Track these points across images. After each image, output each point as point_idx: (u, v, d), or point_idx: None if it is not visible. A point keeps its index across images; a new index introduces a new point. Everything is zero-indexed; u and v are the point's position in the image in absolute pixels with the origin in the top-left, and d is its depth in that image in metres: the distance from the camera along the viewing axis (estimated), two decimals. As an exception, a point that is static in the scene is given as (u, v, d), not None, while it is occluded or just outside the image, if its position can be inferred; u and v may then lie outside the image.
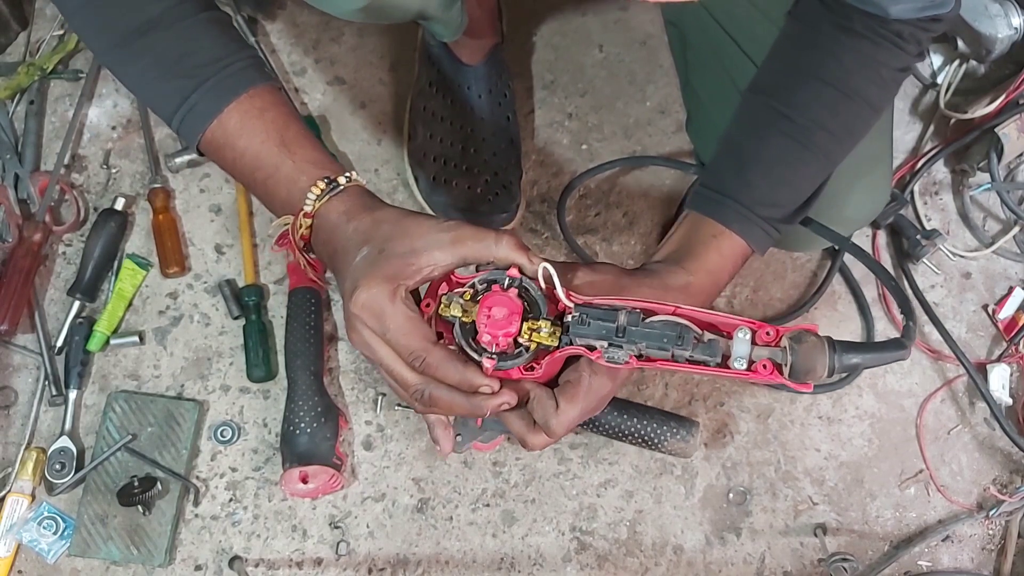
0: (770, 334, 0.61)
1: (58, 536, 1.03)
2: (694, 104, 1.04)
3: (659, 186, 1.21)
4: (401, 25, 1.23)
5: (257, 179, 0.73)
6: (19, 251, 1.09)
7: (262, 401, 1.10)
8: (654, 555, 1.08)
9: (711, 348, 0.62)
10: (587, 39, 1.27)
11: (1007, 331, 1.17)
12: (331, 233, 0.69)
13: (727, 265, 0.76)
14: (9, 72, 1.18)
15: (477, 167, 1.13)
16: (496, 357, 0.64)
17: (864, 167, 0.88)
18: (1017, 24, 1.16)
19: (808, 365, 0.59)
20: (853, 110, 0.78)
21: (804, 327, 0.61)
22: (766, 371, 0.60)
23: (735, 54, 0.91)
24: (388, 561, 1.06)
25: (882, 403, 1.15)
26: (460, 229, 0.66)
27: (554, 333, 0.63)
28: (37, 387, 1.08)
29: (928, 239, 1.16)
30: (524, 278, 0.65)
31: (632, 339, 0.62)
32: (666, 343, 0.61)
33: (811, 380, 0.60)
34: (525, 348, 0.64)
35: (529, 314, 0.64)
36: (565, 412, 0.68)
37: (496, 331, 0.63)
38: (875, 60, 0.76)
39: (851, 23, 0.75)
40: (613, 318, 0.62)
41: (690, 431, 1.04)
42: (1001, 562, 1.10)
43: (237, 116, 0.71)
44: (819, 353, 0.60)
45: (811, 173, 0.79)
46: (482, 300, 0.64)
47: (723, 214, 0.76)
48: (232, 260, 1.15)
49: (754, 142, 0.79)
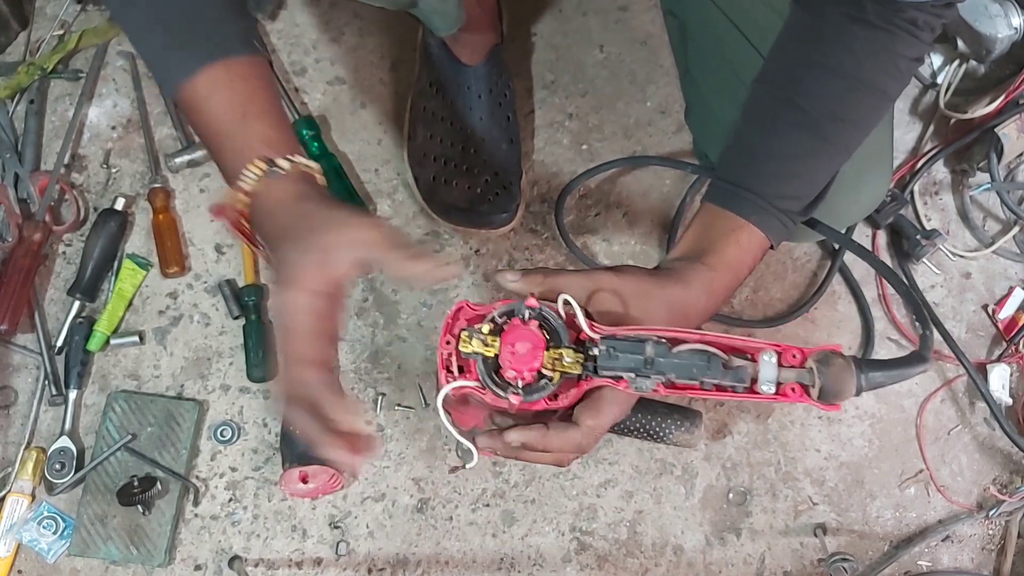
0: (796, 356, 0.61)
1: (58, 536, 1.03)
2: (694, 94, 1.03)
3: (659, 186, 1.21)
4: (401, 25, 1.23)
5: (212, 147, 0.72)
6: (19, 251, 1.09)
7: (262, 401, 1.10)
8: (654, 555, 1.08)
9: (739, 374, 0.62)
10: (587, 39, 1.27)
11: (1007, 331, 1.18)
12: (266, 217, 0.69)
13: (747, 258, 0.75)
14: (9, 72, 1.18)
15: (477, 167, 1.13)
16: (522, 392, 0.63)
17: (868, 159, 0.87)
18: (1017, 24, 1.16)
19: (837, 387, 0.60)
20: (866, 101, 0.77)
21: (828, 348, 0.61)
22: (795, 394, 0.61)
23: (737, 42, 0.90)
24: (388, 561, 1.06)
25: (882, 403, 1.15)
26: (374, 230, 0.64)
27: (577, 361, 0.63)
28: (37, 387, 1.08)
29: (928, 239, 1.16)
30: (544, 307, 0.64)
31: (660, 370, 0.62)
32: (696, 372, 0.62)
33: (840, 401, 0.61)
34: (549, 379, 0.64)
35: (550, 343, 0.64)
36: (592, 425, 0.68)
37: (521, 366, 0.62)
38: (891, 51, 0.75)
39: (863, 13, 0.74)
40: (640, 349, 0.62)
41: (694, 422, 1.05)
42: (1001, 562, 1.10)
43: (208, 81, 0.70)
44: (847, 375, 0.60)
45: (825, 164, 0.79)
46: (504, 336, 0.63)
47: (741, 206, 0.75)
48: (232, 260, 1.15)
49: (767, 134, 0.78)
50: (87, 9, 1.23)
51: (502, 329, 0.64)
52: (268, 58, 1.01)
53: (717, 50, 0.93)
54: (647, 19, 1.28)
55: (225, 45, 0.71)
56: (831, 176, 0.79)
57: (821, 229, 0.82)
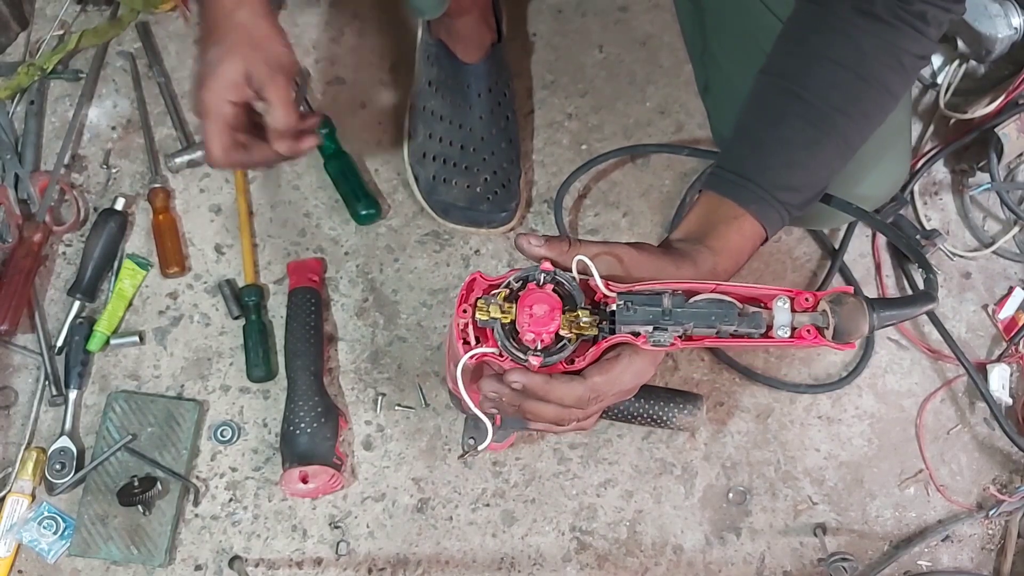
0: (808, 300, 0.63)
1: (58, 536, 1.03)
2: (714, 71, 1.02)
3: (659, 186, 1.21)
4: (401, 25, 1.23)
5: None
6: (19, 251, 1.09)
7: (262, 401, 1.10)
8: (654, 555, 1.08)
9: (754, 320, 0.63)
10: (587, 39, 1.27)
11: (1007, 331, 1.17)
12: (208, 3, 0.83)
13: (747, 246, 0.76)
14: (9, 72, 1.18)
15: (477, 166, 1.13)
16: (541, 354, 0.64)
17: (884, 142, 0.87)
18: (1017, 24, 1.16)
19: (851, 326, 0.61)
20: (871, 96, 0.77)
21: (839, 289, 0.63)
22: (810, 336, 0.62)
23: (761, 14, 0.89)
24: (388, 561, 1.06)
25: (882, 403, 1.15)
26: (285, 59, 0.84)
27: (593, 322, 0.64)
28: (37, 387, 1.08)
29: (928, 239, 1.16)
30: (558, 271, 0.65)
31: (679, 320, 0.63)
32: (713, 320, 0.63)
33: (854, 340, 0.62)
34: (567, 341, 0.64)
35: (566, 306, 0.64)
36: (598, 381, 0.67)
37: (540, 329, 0.63)
38: (896, 46, 0.75)
39: (871, 5, 0.74)
40: (657, 302, 0.63)
41: (696, 404, 1.05)
42: (1001, 562, 1.10)
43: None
44: (859, 313, 0.61)
45: (828, 157, 0.78)
46: (520, 299, 0.64)
47: (741, 195, 0.75)
48: (232, 260, 1.15)
49: (771, 125, 0.78)
50: (87, 9, 1.23)
51: (518, 297, 0.64)
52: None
53: (739, 23, 0.93)
54: (647, 19, 1.28)
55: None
56: (833, 170, 0.79)
57: (836, 204, 0.82)
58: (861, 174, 0.87)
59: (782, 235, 1.20)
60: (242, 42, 0.83)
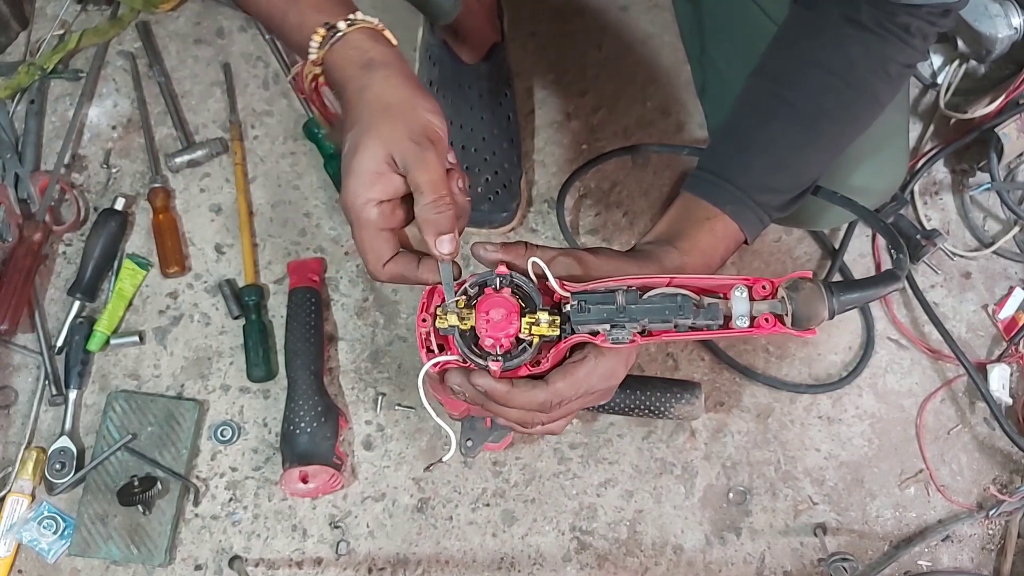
0: (766, 287, 0.62)
1: (58, 536, 1.03)
2: (711, 73, 1.03)
3: (659, 186, 1.21)
4: (401, 25, 1.22)
5: (273, 27, 0.73)
6: (19, 251, 1.09)
7: (262, 401, 1.10)
8: (654, 555, 1.08)
9: (711, 312, 0.62)
10: (587, 39, 1.27)
11: (1007, 331, 1.17)
12: (340, 86, 0.69)
13: (719, 247, 0.76)
14: (9, 72, 1.18)
15: (477, 166, 1.13)
16: (501, 359, 0.64)
17: (879, 141, 0.87)
18: (1017, 24, 1.16)
19: (809, 311, 0.60)
20: (858, 101, 0.77)
21: (798, 275, 0.62)
22: (769, 324, 0.61)
23: (758, 18, 0.90)
24: (388, 561, 1.06)
25: (882, 403, 1.15)
26: (429, 154, 0.65)
27: (554, 323, 0.64)
28: (37, 387, 1.08)
29: (928, 239, 1.16)
30: (514, 274, 0.65)
31: (633, 316, 0.62)
32: (668, 314, 0.62)
33: (814, 325, 0.61)
34: (528, 343, 0.64)
35: (525, 309, 0.64)
36: (560, 387, 0.66)
37: (498, 333, 0.63)
38: (883, 55, 0.76)
39: (858, 15, 0.74)
40: (612, 300, 0.63)
41: (694, 393, 1.05)
42: (1001, 562, 1.10)
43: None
44: (817, 298, 0.60)
45: (810, 160, 0.79)
46: (478, 305, 0.64)
47: (717, 196, 0.75)
48: (232, 260, 1.15)
49: (755, 126, 0.78)
50: (87, 9, 1.23)
51: (476, 302, 0.64)
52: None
53: (736, 27, 0.93)
54: (647, 19, 1.28)
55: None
56: (815, 173, 0.80)
57: (823, 195, 0.82)
58: (853, 165, 0.87)
59: (782, 235, 1.20)
60: (378, 117, 0.66)
